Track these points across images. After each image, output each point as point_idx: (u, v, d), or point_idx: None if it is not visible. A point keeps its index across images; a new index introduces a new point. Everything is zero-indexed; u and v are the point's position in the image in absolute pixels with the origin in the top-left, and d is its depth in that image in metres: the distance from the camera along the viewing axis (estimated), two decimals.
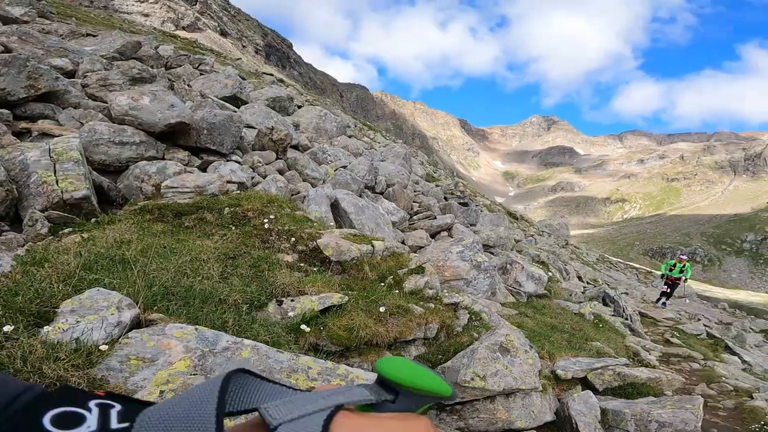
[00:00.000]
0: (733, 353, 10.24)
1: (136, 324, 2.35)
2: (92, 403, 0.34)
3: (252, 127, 9.07)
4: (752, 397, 5.69)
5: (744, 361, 9.69)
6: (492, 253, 9.07)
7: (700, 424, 3.16)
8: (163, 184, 5.50)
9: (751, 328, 20.33)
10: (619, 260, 57.46)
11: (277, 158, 7.83)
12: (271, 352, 2.26)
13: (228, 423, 0.33)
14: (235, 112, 9.44)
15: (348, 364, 2.99)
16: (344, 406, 0.34)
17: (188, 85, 11.18)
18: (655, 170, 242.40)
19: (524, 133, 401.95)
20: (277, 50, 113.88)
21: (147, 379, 1.92)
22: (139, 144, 5.87)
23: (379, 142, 22.06)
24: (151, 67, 11.16)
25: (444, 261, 6.36)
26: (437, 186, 14.40)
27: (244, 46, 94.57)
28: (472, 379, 3.01)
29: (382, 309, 3.39)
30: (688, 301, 24.75)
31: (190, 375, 1.95)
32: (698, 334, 11.06)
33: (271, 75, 32.74)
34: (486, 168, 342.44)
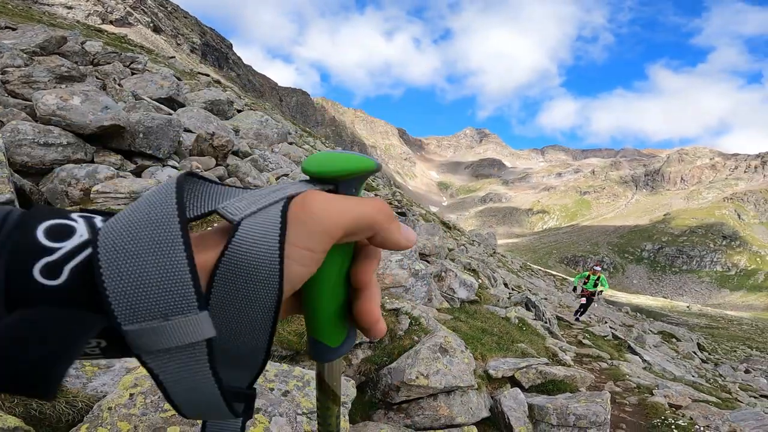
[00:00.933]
0: (635, 353, 11.63)
1: None
2: (76, 215, 0.33)
3: (190, 132, 8.76)
4: (652, 394, 6.51)
5: (644, 361, 11.04)
6: (428, 262, 9.54)
7: (608, 416, 3.68)
8: (93, 189, 5.21)
9: (650, 330, 23.07)
10: (539, 268, 62.07)
11: (217, 164, 7.65)
12: None
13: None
14: (172, 114, 9.06)
15: (300, 368, 3.14)
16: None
17: (119, 85, 10.47)
18: (570, 183, 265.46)
19: (458, 144, 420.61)
20: (215, 50, 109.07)
21: (107, 384, 1.93)
22: (66, 146, 5.50)
23: (318, 150, 22.07)
24: (77, 63, 10.32)
25: (384, 269, 6.63)
26: (377, 195, 14.77)
27: (178, 44, 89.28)
28: (417, 377, 3.27)
29: None
30: (596, 305, 27.47)
31: None
32: (605, 336, 12.38)
33: (207, 75, 31.36)
34: (422, 178, 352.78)
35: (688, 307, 76.22)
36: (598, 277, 13.77)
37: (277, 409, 2.01)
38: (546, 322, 10.85)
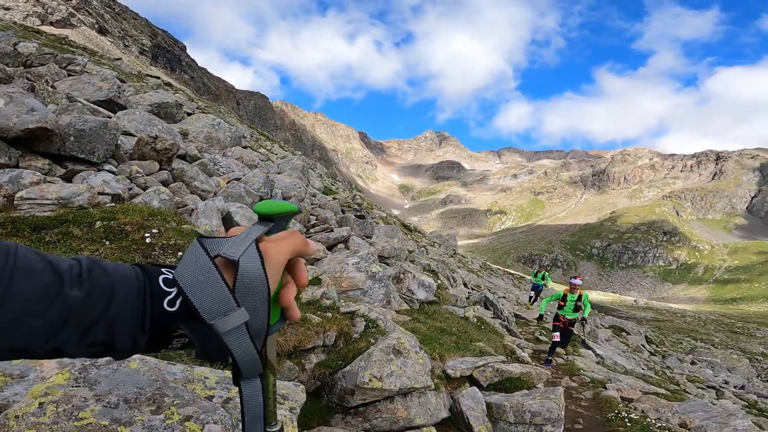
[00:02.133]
0: (588, 348, 12.07)
1: None
2: (164, 269, 0.60)
3: (131, 135, 8.24)
4: (606, 388, 6.72)
5: (597, 355, 11.47)
6: (387, 264, 9.47)
7: (562, 411, 3.72)
8: (17, 195, 4.74)
9: (602, 324, 24.09)
10: (498, 267, 63.76)
11: (161, 169, 7.23)
12: (162, 364, 2.14)
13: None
14: (110, 117, 8.50)
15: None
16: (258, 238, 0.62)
17: (52, 87, 9.71)
18: (525, 184, 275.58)
19: (419, 147, 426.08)
20: (167, 52, 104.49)
21: (19, 394, 1.78)
22: None
23: (276, 154, 21.55)
24: (7, 65, 9.49)
25: (341, 272, 6.49)
26: (335, 199, 14.57)
27: (126, 46, 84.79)
28: (370, 380, 3.16)
29: None
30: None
31: (72, 386, 1.80)
32: None
33: (157, 78, 29.81)
34: (383, 181, 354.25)
35: (635, 301, 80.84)
36: (580, 296, 8.59)
37: (211, 416, 1.84)
38: (504, 320, 11.05)
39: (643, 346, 19.56)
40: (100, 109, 9.35)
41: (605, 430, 4.76)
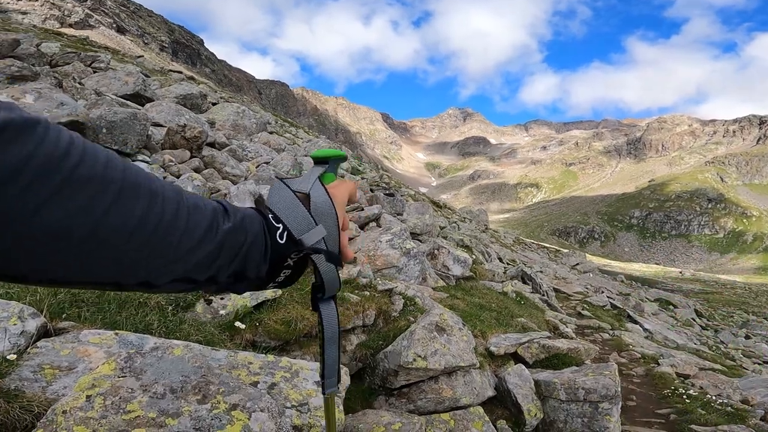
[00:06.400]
0: (635, 322, 11.56)
1: (44, 333, 2.07)
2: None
3: (161, 126, 8.33)
4: (659, 364, 6.33)
5: (645, 330, 10.95)
6: (420, 240, 9.29)
7: (619, 388, 3.48)
8: None
9: (647, 298, 23.17)
10: (532, 241, 62.46)
11: (192, 156, 7.29)
12: (206, 350, 2.09)
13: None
14: (140, 109, 8.60)
15: (290, 358, 2.91)
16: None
17: (80, 83, 9.87)
18: (556, 156, 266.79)
19: (443, 125, 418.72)
20: (186, 47, 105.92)
21: (68, 387, 1.72)
22: None
23: (301, 138, 21.54)
24: (33, 65, 9.72)
25: (375, 250, 6.37)
26: (363, 179, 14.44)
27: (146, 43, 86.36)
28: (414, 360, 3.03)
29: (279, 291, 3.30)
30: (591, 275, 27.61)
31: (119, 377, 1.75)
32: (603, 306, 12.30)
33: (180, 72, 30.11)
34: (409, 160, 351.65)
35: (681, 272, 77.45)
36: None
37: (257, 404, 1.76)
38: (543, 295, 10.73)
39: (694, 320, 18.69)
40: (128, 102, 9.46)
41: (662, 407, 4.50)
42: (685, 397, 4.62)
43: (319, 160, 0.76)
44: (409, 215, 11.39)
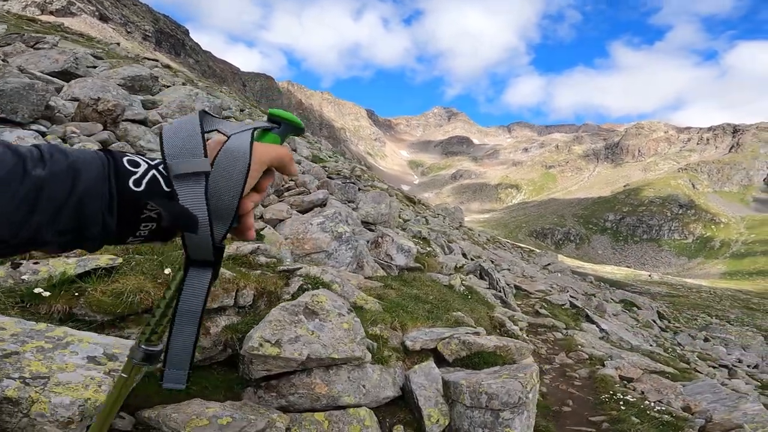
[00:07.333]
0: (592, 322, 11.23)
1: None
2: (137, 157, 0.57)
3: (79, 100, 7.77)
4: (603, 365, 5.97)
5: (602, 330, 10.64)
6: (371, 230, 8.72)
7: (531, 394, 2.96)
8: None
9: (612, 299, 23.17)
10: (508, 241, 62.79)
11: (105, 130, 6.67)
12: None
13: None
14: (53, 82, 8.07)
15: (122, 336, 2.40)
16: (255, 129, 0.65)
17: (3, 60, 9.82)
18: (537, 158, 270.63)
19: (427, 123, 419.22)
20: (170, 37, 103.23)
21: None
22: None
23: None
24: None
25: (304, 233, 5.76)
26: (324, 167, 13.76)
27: (129, 32, 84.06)
28: (261, 345, 2.44)
29: (167, 271, 2.70)
30: (560, 275, 27.57)
31: None
32: (563, 305, 11.97)
33: (155, 61, 28.53)
34: (392, 157, 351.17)
35: (650, 276, 79.18)
36: None
37: None
38: (500, 291, 10.30)
39: (654, 322, 18.71)
40: (53, 79, 9.36)
41: (596, 414, 4.02)
42: (621, 403, 4.17)
43: (272, 119, 0.68)
44: (364, 204, 10.78)
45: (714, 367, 11.19)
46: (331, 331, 2.62)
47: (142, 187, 0.53)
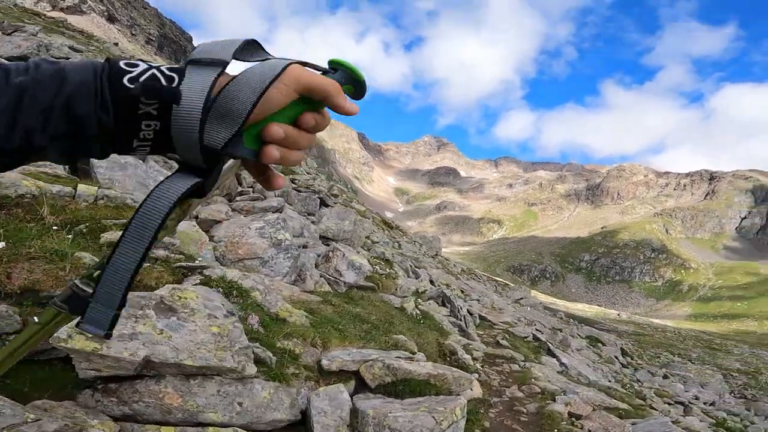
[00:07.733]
0: (553, 356, 10.87)
1: None
2: (136, 60, 0.52)
3: None
4: (554, 400, 5.61)
5: (561, 363, 10.28)
6: (328, 245, 8.24)
7: (447, 430, 2.50)
8: None
9: (578, 334, 22.99)
10: (484, 274, 62.69)
11: None
12: None
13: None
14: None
15: None
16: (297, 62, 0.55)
17: None
18: (520, 195, 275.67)
19: (417, 151, 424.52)
20: (173, 42, 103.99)
21: None
22: None
23: None
24: None
25: (240, 237, 5.29)
26: (292, 180, 13.32)
27: (133, 34, 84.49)
28: (69, 337, 1.94)
29: (2, 244, 2.22)
30: (529, 309, 27.35)
31: None
32: (525, 337, 11.62)
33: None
34: (379, 183, 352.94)
35: (618, 314, 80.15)
36: None
37: None
38: (461, 320, 9.86)
39: (617, 358, 18.50)
40: (4, 61, 9.25)
41: None
42: None
43: (331, 66, 0.61)
44: (328, 219, 10.34)
45: (670, 404, 10.92)
46: (191, 334, 2.16)
47: (139, 83, 0.50)
